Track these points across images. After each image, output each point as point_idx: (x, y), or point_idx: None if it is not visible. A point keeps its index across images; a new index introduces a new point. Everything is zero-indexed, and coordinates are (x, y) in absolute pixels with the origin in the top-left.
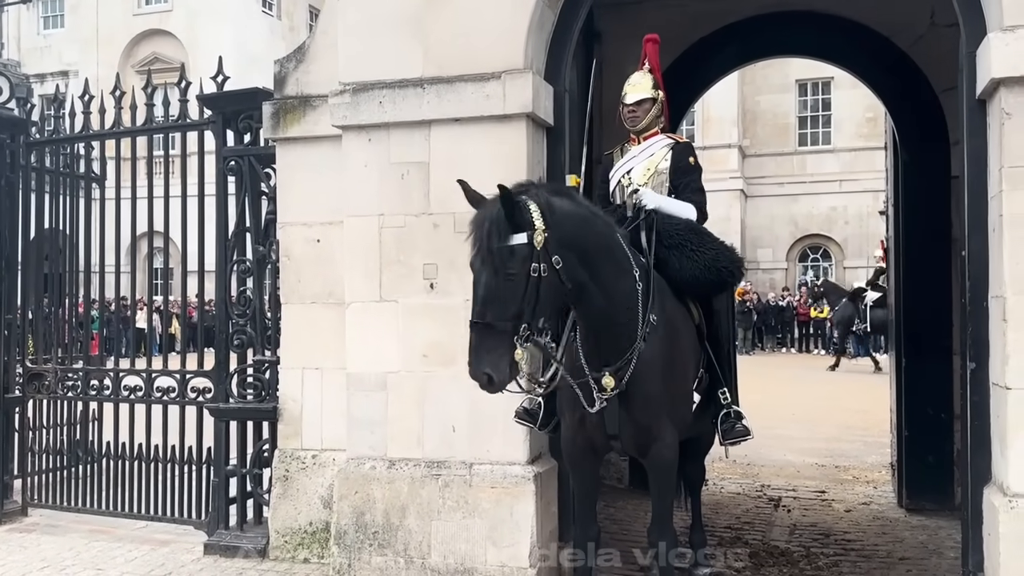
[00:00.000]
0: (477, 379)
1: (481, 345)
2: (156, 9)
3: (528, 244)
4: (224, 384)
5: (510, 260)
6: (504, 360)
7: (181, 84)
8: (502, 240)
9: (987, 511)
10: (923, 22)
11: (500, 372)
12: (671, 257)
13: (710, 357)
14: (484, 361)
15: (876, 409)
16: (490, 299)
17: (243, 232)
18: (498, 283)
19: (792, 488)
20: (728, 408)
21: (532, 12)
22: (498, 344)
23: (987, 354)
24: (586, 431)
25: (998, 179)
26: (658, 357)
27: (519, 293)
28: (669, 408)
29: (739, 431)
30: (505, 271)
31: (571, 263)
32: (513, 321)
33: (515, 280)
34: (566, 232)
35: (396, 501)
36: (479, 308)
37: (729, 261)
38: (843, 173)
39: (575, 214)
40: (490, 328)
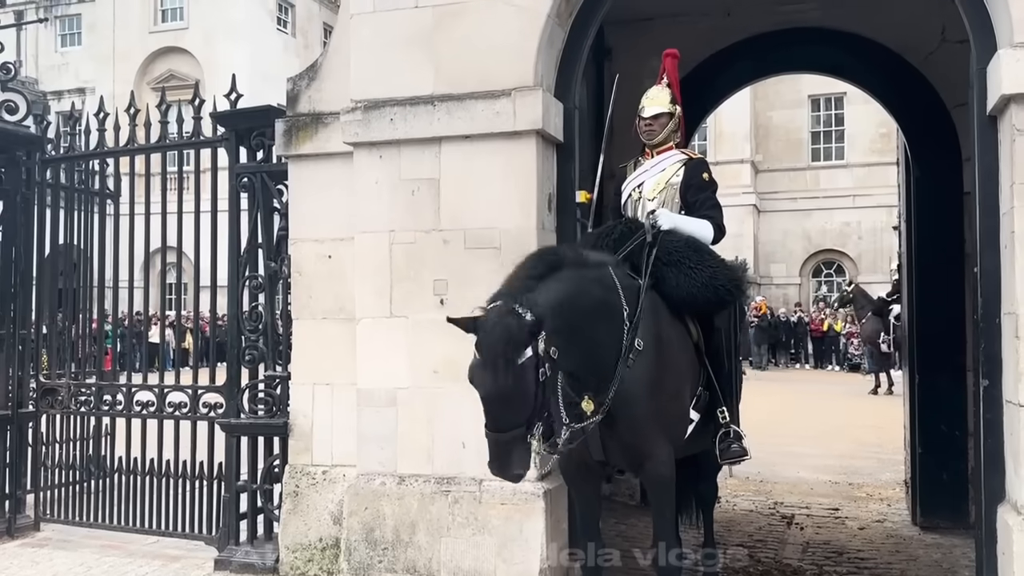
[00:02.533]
0: (508, 479)
1: (506, 453)
2: (172, 27)
3: (535, 355)
4: (235, 399)
5: (524, 376)
6: (526, 458)
7: (195, 102)
8: (512, 364)
9: (1001, 530)
10: (934, 38)
11: (525, 468)
12: (668, 274)
13: (710, 375)
14: (513, 464)
15: (890, 426)
16: (503, 412)
17: (255, 248)
18: (511, 397)
19: (805, 505)
20: (727, 427)
21: (542, 30)
22: (518, 446)
23: (1000, 371)
24: (578, 450)
25: (1009, 195)
26: (644, 377)
27: (530, 400)
28: (659, 425)
29: (735, 451)
30: (522, 387)
31: (564, 345)
32: (528, 422)
33: (525, 387)
34: (558, 321)
35: (406, 517)
36: (493, 423)
37: (727, 279)
38: (856, 188)
39: (567, 295)
40: (510, 434)
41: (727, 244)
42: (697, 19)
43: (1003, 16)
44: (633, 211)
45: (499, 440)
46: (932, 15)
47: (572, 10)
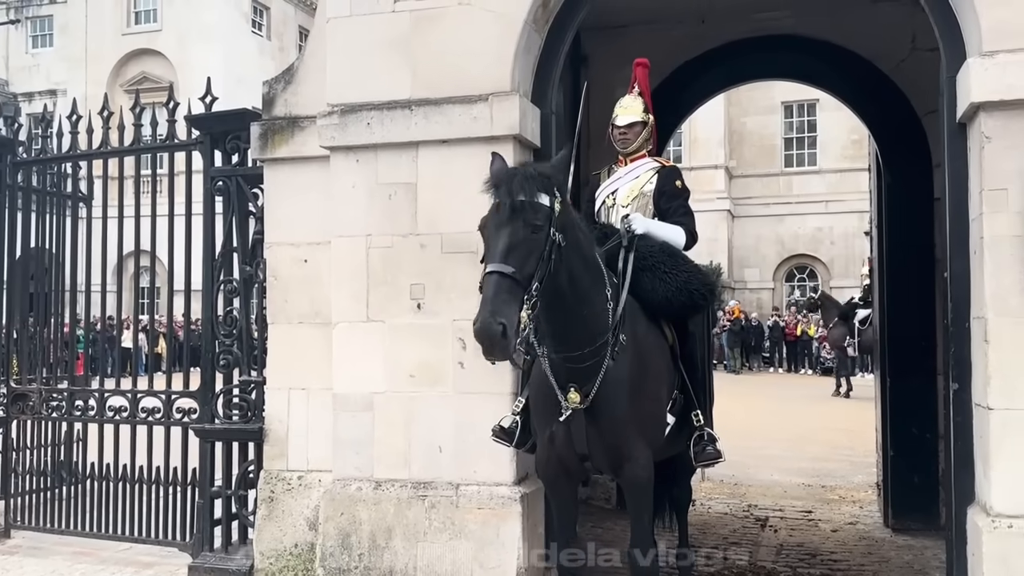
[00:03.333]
0: (489, 331)
1: (497, 295)
2: (145, 29)
3: (551, 208)
4: (210, 404)
5: (538, 214)
6: (516, 316)
7: (169, 104)
8: (533, 194)
9: (971, 531)
10: (905, 46)
11: (512, 326)
12: (643, 279)
13: (684, 379)
14: (500, 311)
15: (862, 429)
16: (514, 248)
17: (230, 252)
18: (524, 235)
19: (779, 508)
20: (701, 430)
21: (519, 36)
22: (514, 297)
23: (970, 374)
24: (556, 449)
25: (979, 201)
26: (626, 377)
27: (539, 250)
28: (639, 428)
29: (709, 454)
30: (533, 223)
31: (567, 252)
32: (530, 277)
33: (539, 236)
34: (566, 224)
35: (382, 522)
36: (500, 255)
37: (701, 284)
38: (829, 194)
39: (571, 216)
40: (508, 279)
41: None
42: (672, 26)
43: (972, 26)
44: (607, 217)
45: (496, 279)
46: (903, 24)
47: (549, 16)
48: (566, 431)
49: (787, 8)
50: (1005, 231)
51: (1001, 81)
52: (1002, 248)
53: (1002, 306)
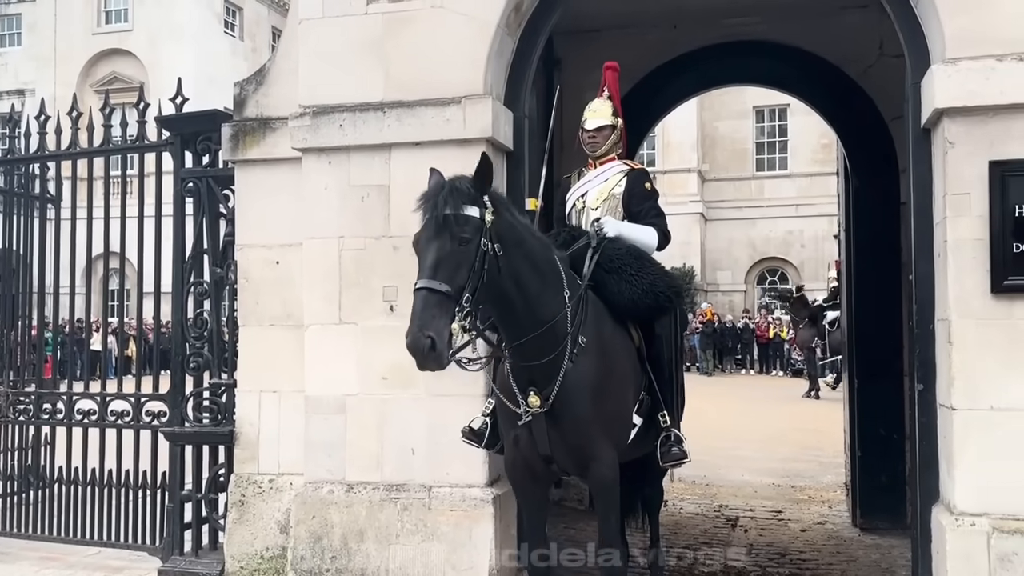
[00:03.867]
0: (418, 346)
1: (425, 310)
2: (116, 29)
3: (480, 219)
4: (179, 408)
5: (465, 226)
6: (447, 329)
7: (140, 105)
8: (459, 207)
9: (935, 529)
10: (872, 52)
11: (442, 339)
12: (610, 281)
13: (651, 380)
14: (429, 325)
15: (831, 430)
16: (441, 263)
17: (201, 254)
18: (451, 248)
19: (749, 508)
20: (667, 431)
21: (492, 39)
22: (443, 311)
23: (934, 376)
24: (521, 452)
25: (943, 206)
26: (588, 378)
27: (469, 261)
28: (603, 428)
29: (675, 454)
30: (460, 236)
31: (504, 260)
32: (460, 290)
33: (468, 247)
34: (505, 231)
35: (354, 525)
36: (428, 271)
37: (667, 286)
38: (799, 198)
39: (513, 222)
40: (437, 293)
41: (675, 251)
42: (645, 31)
43: (936, 33)
44: (577, 220)
45: (424, 295)
46: (871, 30)
47: (521, 20)
48: (529, 433)
49: (757, 14)
50: (968, 235)
51: (964, 88)
52: (965, 251)
53: (965, 308)
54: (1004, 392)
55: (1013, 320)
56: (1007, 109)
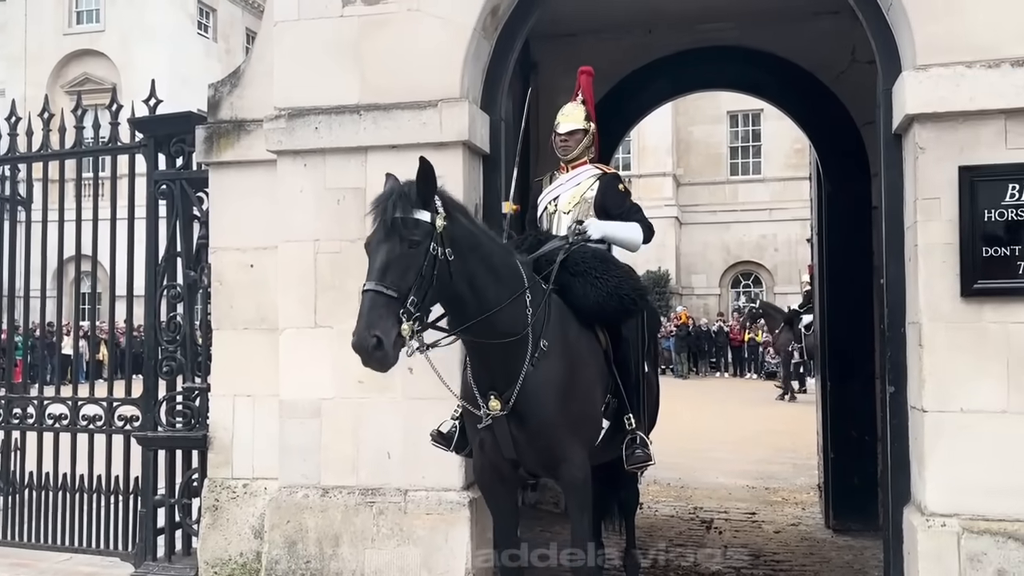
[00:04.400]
0: (363, 344)
1: (372, 310)
2: (88, 29)
3: (431, 223)
4: (152, 412)
5: (415, 229)
6: (395, 328)
7: (112, 107)
8: (408, 211)
9: (907, 530)
10: (845, 58)
11: (389, 338)
12: (575, 284)
13: (617, 383)
14: (376, 325)
15: (805, 432)
16: (390, 266)
17: (174, 257)
18: (400, 251)
19: (724, 510)
20: (633, 434)
21: (468, 42)
22: (390, 312)
23: (905, 378)
24: (487, 455)
25: (913, 210)
26: (552, 380)
27: (418, 264)
28: (571, 429)
29: (639, 457)
30: (409, 239)
31: (457, 265)
32: (407, 292)
33: (416, 250)
34: (457, 235)
35: (329, 530)
36: (376, 274)
37: (632, 289)
38: (773, 202)
39: (467, 225)
40: (383, 296)
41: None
42: (620, 36)
43: (907, 40)
44: (548, 224)
45: (372, 296)
46: (843, 36)
47: (498, 24)
48: (493, 437)
49: (731, 20)
50: (938, 239)
51: (934, 94)
52: (935, 255)
53: (935, 312)
54: (974, 394)
55: (983, 323)
56: (976, 115)
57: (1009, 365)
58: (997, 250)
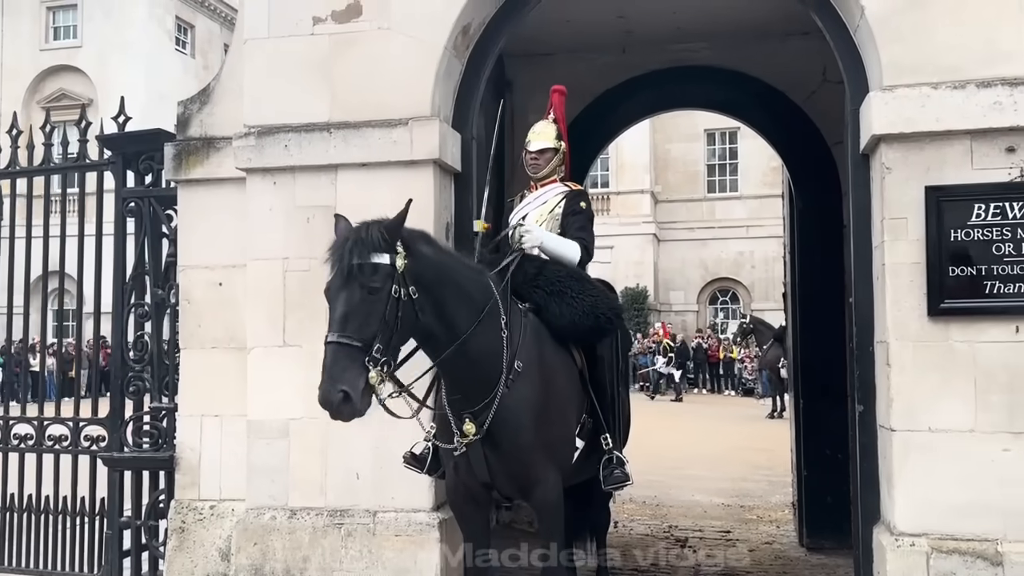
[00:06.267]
0: (329, 399)
1: (336, 363)
2: (65, 45)
3: (391, 265)
4: (119, 432)
5: (374, 276)
6: (361, 379)
7: (81, 124)
8: (366, 257)
9: (876, 550)
10: (816, 78)
11: (356, 391)
12: (551, 303)
13: (593, 403)
14: (341, 379)
15: (781, 449)
16: (351, 315)
17: (142, 275)
18: (361, 298)
19: (699, 528)
20: (610, 454)
21: (439, 61)
22: (354, 363)
23: (874, 397)
24: (461, 478)
25: (880, 230)
26: (526, 403)
27: (380, 311)
28: (545, 451)
29: (617, 477)
30: (369, 285)
31: (424, 300)
32: (371, 340)
33: (377, 297)
34: (421, 270)
35: (297, 552)
36: (337, 324)
37: (608, 308)
38: (750, 219)
39: (431, 255)
40: (347, 347)
41: (629, 271)
42: (594, 55)
43: (874, 61)
44: (518, 243)
45: (334, 348)
46: (814, 56)
47: (469, 43)
48: (467, 460)
49: (703, 40)
50: (904, 259)
51: (900, 114)
52: (902, 275)
53: (903, 331)
54: (942, 413)
55: (950, 343)
56: (942, 136)
57: (976, 384)
58: (964, 270)
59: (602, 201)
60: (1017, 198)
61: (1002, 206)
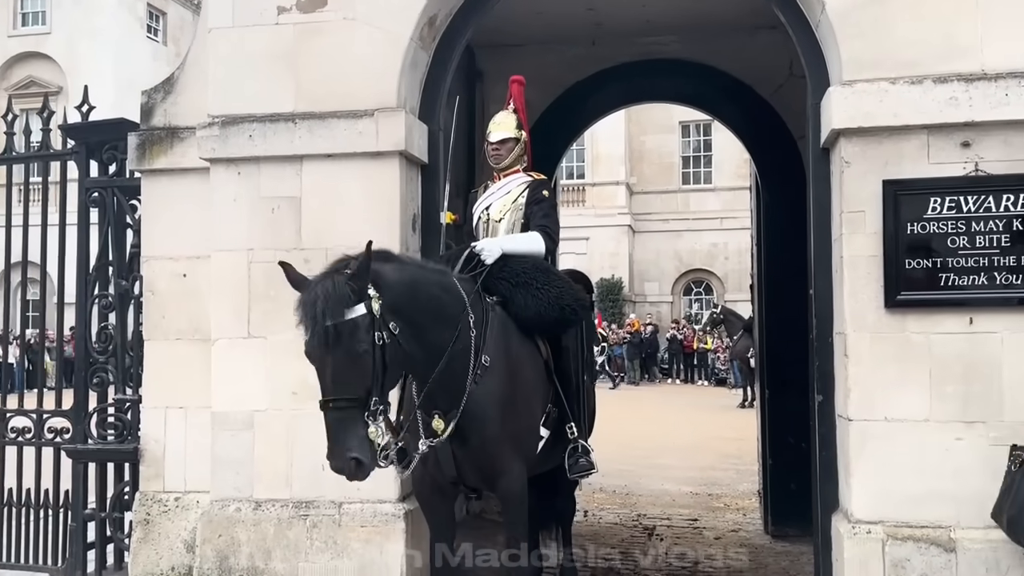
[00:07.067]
0: (343, 468)
1: (339, 429)
2: (33, 31)
3: (368, 313)
4: (83, 424)
5: (356, 334)
6: (365, 442)
7: (44, 113)
8: (339, 315)
9: (835, 537)
10: (782, 73)
11: (365, 453)
12: (517, 295)
13: (558, 392)
14: (348, 445)
15: (750, 438)
16: (341, 376)
17: (105, 266)
18: (349, 361)
19: (667, 517)
20: (575, 443)
21: (405, 52)
22: (358, 424)
23: (833, 387)
24: (428, 470)
25: (839, 223)
26: (494, 394)
27: (368, 365)
28: (512, 443)
29: (583, 465)
30: (354, 347)
31: (404, 329)
32: (367, 396)
33: (363, 353)
34: (396, 299)
35: (262, 543)
36: (331, 389)
37: (573, 299)
38: (723, 211)
39: (400, 280)
40: (346, 409)
41: (604, 263)
42: (565, 47)
43: (834, 56)
44: (484, 233)
45: (334, 415)
46: (781, 51)
47: (436, 34)
48: (435, 453)
49: (672, 34)
50: (862, 251)
51: (859, 109)
52: (859, 267)
53: (860, 322)
54: (898, 403)
55: (906, 334)
56: (899, 130)
57: (932, 375)
58: (920, 262)
59: (577, 192)
60: (971, 192)
61: (957, 200)
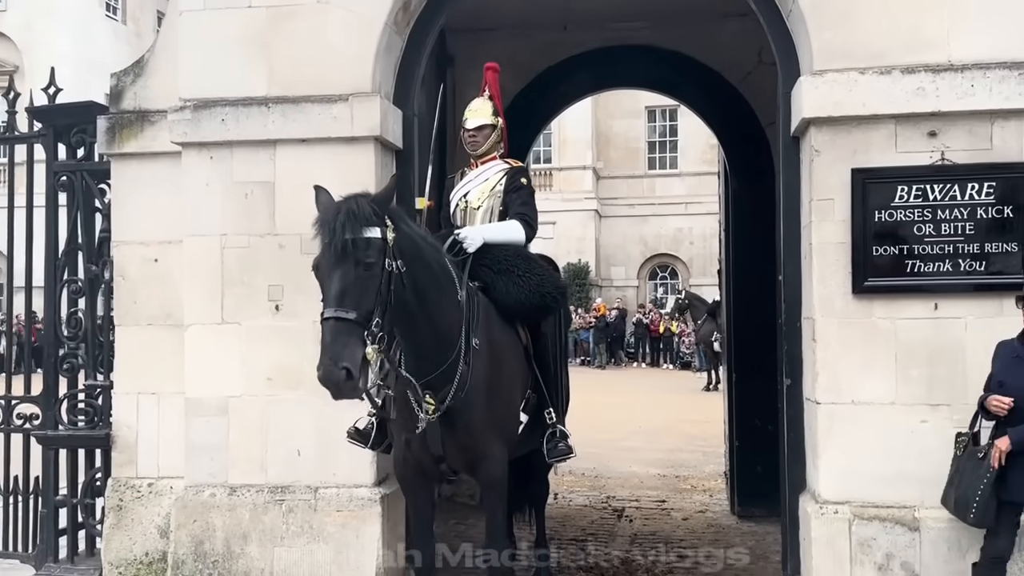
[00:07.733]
0: (331, 378)
1: (336, 340)
2: None
3: (383, 239)
4: (53, 410)
5: (368, 250)
6: (359, 355)
7: (9, 95)
8: (359, 231)
9: (802, 517)
10: (751, 60)
11: (356, 367)
12: (498, 282)
13: (537, 378)
14: (342, 356)
15: (716, 420)
16: (348, 290)
17: (75, 250)
18: (357, 274)
19: (635, 498)
20: (553, 428)
21: (379, 37)
22: (354, 338)
23: (801, 371)
24: (413, 452)
25: (809, 210)
26: (482, 379)
27: (375, 285)
28: (494, 428)
29: (561, 450)
30: (365, 261)
31: (408, 274)
32: (369, 315)
33: (372, 272)
34: (404, 245)
35: (237, 528)
36: (335, 300)
37: (553, 287)
38: (688, 196)
39: (410, 234)
40: (346, 322)
41: (571, 247)
42: (535, 32)
43: (805, 46)
44: (462, 220)
45: (333, 324)
46: (751, 38)
47: (410, 19)
48: (423, 434)
49: (643, 20)
50: (831, 238)
51: (829, 98)
52: (828, 254)
53: (828, 308)
54: (864, 387)
55: (873, 319)
56: (868, 120)
57: (897, 359)
58: (887, 249)
59: (544, 177)
60: (937, 180)
61: (924, 188)
